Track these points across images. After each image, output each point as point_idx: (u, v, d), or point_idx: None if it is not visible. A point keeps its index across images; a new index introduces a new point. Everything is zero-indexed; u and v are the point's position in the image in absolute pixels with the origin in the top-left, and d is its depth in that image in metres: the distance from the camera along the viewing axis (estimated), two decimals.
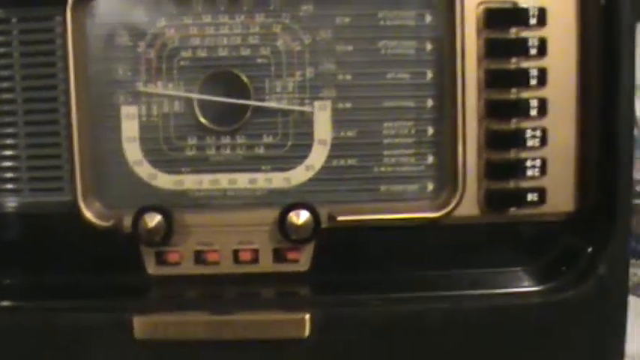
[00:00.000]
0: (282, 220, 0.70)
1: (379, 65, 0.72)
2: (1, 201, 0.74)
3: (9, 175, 0.74)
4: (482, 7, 0.71)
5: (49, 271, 0.74)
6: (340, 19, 0.72)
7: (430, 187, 0.73)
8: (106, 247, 0.73)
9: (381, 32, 0.72)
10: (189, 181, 0.73)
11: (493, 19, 0.71)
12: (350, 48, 0.72)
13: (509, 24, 0.71)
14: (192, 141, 0.73)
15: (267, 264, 0.73)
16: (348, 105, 0.72)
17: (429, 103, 0.72)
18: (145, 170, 0.73)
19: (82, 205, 0.72)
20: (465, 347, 0.71)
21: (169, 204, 0.72)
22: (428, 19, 0.72)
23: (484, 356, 0.71)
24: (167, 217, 0.71)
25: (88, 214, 0.72)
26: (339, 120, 0.72)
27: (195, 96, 0.72)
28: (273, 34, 0.72)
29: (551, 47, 0.71)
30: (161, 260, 0.73)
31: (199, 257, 0.73)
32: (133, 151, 0.73)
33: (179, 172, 0.73)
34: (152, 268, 0.73)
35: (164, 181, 0.73)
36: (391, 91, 0.72)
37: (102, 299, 0.73)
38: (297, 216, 0.70)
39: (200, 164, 0.73)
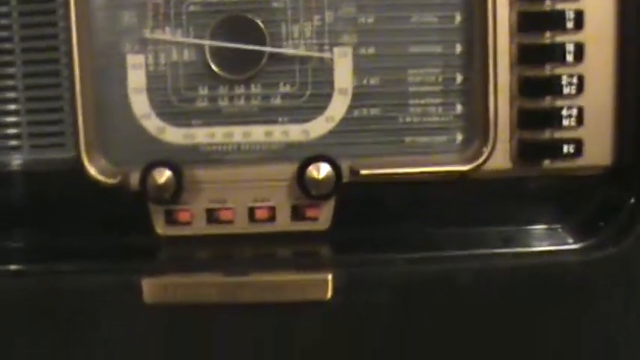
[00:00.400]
0: (301, 175, 0.65)
1: (403, 8, 0.67)
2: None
3: (7, 131, 0.69)
4: None
5: (54, 233, 0.69)
6: None
7: (459, 138, 0.68)
8: (112, 206, 0.68)
9: None
10: (201, 135, 0.68)
11: None
12: None
13: None
14: (203, 91, 0.67)
15: (284, 222, 0.67)
16: (371, 51, 0.67)
17: (458, 48, 0.67)
18: (152, 123, 0.68)
19: (85, 161, 0.66)
20: (497, 311, 0.65)
21: (179, 159, 0.67)
22: None
23: (518, 320, 0.65)
24: (177, 172, 0.65)
25: (93, 171, 0.66)
26: (360, 67, 0.67)
27: (206, 42, 0.67)
28: None
29: None
30: (171, 219, 0.68)
31: (212, 216, 0.68)
32: (140, 103, 0.68)
33: (189, 125, 0.68)
34: (161, 228, 0.68)
35: (173, 134, 0.68)
36: (417, 36, 0.67)
37: (109, 261, 0.68)
38: (318, 170, 0.65)
39: (212, 116, 0.68)
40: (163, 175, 0.65)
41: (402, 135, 0.68)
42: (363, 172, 0.66)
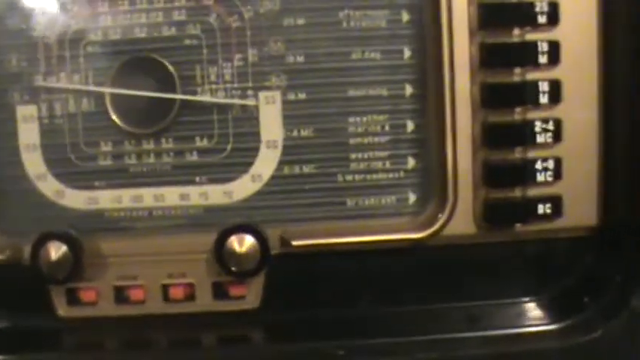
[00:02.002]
0: (219, 248, 0.52)
1: (341, 43, 0.54)
2: None
3: None
4: None
5: None
6: None
7: (412, 198, 0.55)
8: (6, 284, 0.55)
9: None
10: (105, 199, 0.55)
11: None
12: (301, 21, 0.54)
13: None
14: (106, 147, 0.55)
15: (205, 302, 0.55)
16: (302, 95, 0.54)
17: (408, 89, 0.54)
18: (49, 186, 0.56)
19: None
20: None
21: (81, 228, 0.55)
22: None
23: None
24: (74, 246, 0.53)
25: None
26: (291, 115, 0.55)
27: (107, 90, 0.54)
28: (203, 7, 0.54)
29: (564, 15, 0.53)
30: (73, 299, 0.55)
31: (120, 295, 0.55)
32: (33, 163, 0.55)
33: (92, 188, 0.55)
34: (63, 310, 0.56)
35: (74, 199, 0.55)
36: (358, 76, 0.54)
37: (4, 350, 0.55)
38: (239, 242, 0.52)
39: (118, 177, 0.56)
40: (59, 250, 0.53)
41: (342, 196, 0.55)
42: (296, 242, 0.53)
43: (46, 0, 0.54)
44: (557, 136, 0.53)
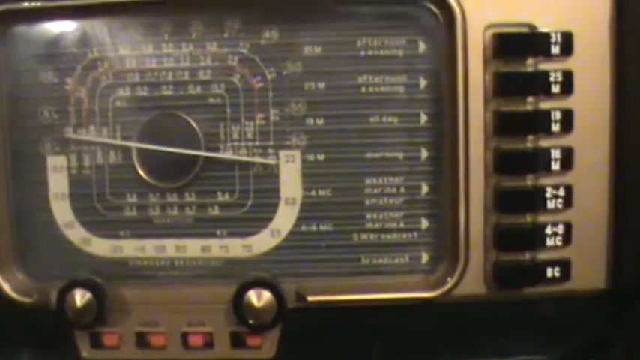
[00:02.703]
0: (238, 302, 0.53)
1: (360, 106, 0.55)
2: None
3: None
4: (490, 31, 0.53)
5: None
6: (310, 49, 0.54)
7: (424, 258, 0.56)
8: (32, 325, 0.57)
9: (362, 65, 0.54)
10: (129, 248, 0.56)
11: (505, 47, 0.53)
12: (322, 85, 0.54)
13: (525, 53, 0.53)
14: (131, 199, 0.56)
15: (223, 350, 0.56)
16: (322, 156, 0.55)
17: (423, 153, 0.55)
18: (76, 233, 0.57)
19: None
20: None
21: (105, 275, 0.56)
22: (421, 47, 0.54)
23: None
24: (99, 293, 0.54)
25: (7, 288, 0.56)
26: (310, 174, 0.55)
27: (133, 145, 0.55)
28: (228, 67, 0.55)
29: (578, 83, 0.53)
30: (97, 342, 0.57)
31: (142, 340, 0.56)
32: (62, 211, 0.57)
33: (117, 237, 0.57)
34: (87, 352, 0.57)
35: (99, 246, 0.57)
36: (375, 138, 0.55)
37: None
38: (257, 296, 0.53)
39: (142, 227, 0.56)
40: (84, 297, 0.54)
41: (357, 253, 0.56)
42: (311, 297, 0.54)
43: (78, 55, 0.56)
44: (568, 202, 0.53)
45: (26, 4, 0.54)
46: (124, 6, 0.55)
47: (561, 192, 0.53)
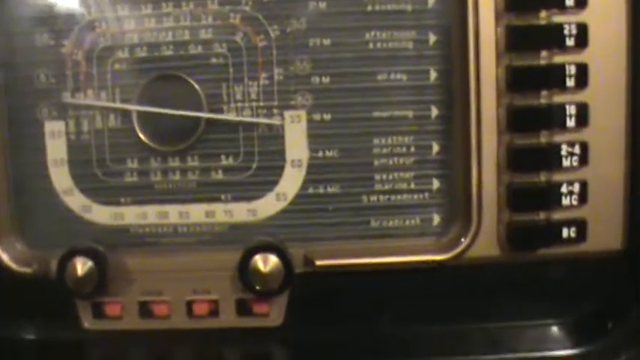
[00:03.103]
0: (244, 267, 0.51)
1: (367, 63, 0.53)
2: None
3: None
4: None
5: None
6: (315, 4, 0.52)
7: (436, 219, 0.54)
8: (31, 296, 0.55)
9: (369, 20, 0.52)
10: (131, 215, 0.54)
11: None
12: (328, 42, 0.52)
13: (538, 6, 0.51)
14: (132, 164, 0.54)
15: (228, 318, 0.54)
16: (328, 116, 0.53)
17: (434, 111, 0.53)
18: (76, 200, 0.55)
19: None
20: None
21: (107, 243, 0.54)
22: (430, 1, 0.52)
23: None
24: (100, 262, 0.52)
25: (5, 258, 0.54)
26: (316, 135, 0.53)
27: (133, 107, 0.53)
28: (230, 25, 0.52)
29: (593, 36, 0.51)
30: (99, 313, 0.55)
31: (145, 310, 0.54)
32: (61, 177, 0.54)
33: (118, 203, 0.54)
34: (89, 322, 0.55)
35: (100, 214, 0.54)
36: (383, 97, 0.53)
37: None
38: (264, 262, 0.51)
39: (143, 193, 0.54)
40: (84, 266, 0.52)
41: (366, 216, 0.54)
42: (320, 262, 0.52)
43: (74, 17, 0.53)
44: (584, 159, 0.51)
45: None
46: None
47: (577, 149, 0.51)
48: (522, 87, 0.51)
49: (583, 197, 0.52)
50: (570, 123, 0.51)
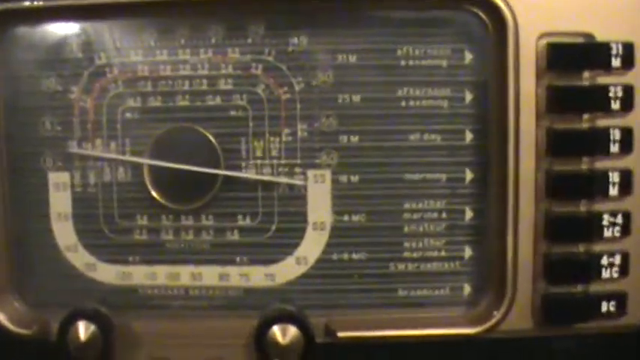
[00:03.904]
0: (260, 338, 0.47)
1: (398, 121, 0.48)
2: None
3: None
4: (543, 41, 0.46)
5: None
6: (344, 57, 0.48)
7: (466, 289, 0.50)
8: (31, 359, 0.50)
9: (402, 75, 0.48)
10: (139, 275, 0.50)
11: (559, 58, 0.47)
12: (357, 97, 0.48)
13: (581, 66, 0.47)
14: (142, 221, 0.50)
15: None
16: (355, 177, 0.49)
17: (468, 174, 0.49)
18: (80, 257, 0.50)
19: None
20: None
21: (112, 304, 0.49)
22: (467, 57, 0.48)
23: None
24: (104, 326, 0.48)
25: (3, 318, 0.50)
26: (342, 196, 0.49)
27: (145, 161, 0.49)
28: (251, 76, 0.48)
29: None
30: None
31: None
32: (64, 232, 0.50)
33: (125, 262, 0.50)
34: None
35: (105, 272, 0.50)
36: (415, 158, 0.49)
37: None
38: (283, 332, 0.47)
39: (153, 252, 0.50)
40: (87, 330, 0.47)
41: (393, 284, 0.50)
42: (342, 333, 0.48)
43: (84, 61, 0.49)
44: (626, 229, 0.47)
45: (27, 3, 0.48)
46: (136, 6, 0.48)
47: (619, 219, 0.47)
48: (563, 151, 0.47)
49: (624, 269, 0.48)
50: (613, 191, 0.47)
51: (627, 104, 0.47)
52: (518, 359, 0.49)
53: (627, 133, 0.47)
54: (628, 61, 0.46)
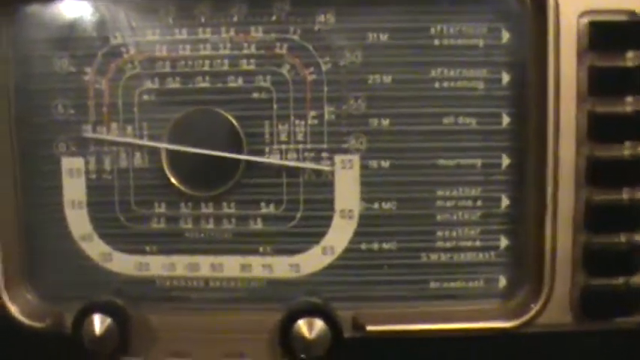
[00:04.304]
0: (285, 332, 0.44)
1: (432, 104, 0.46)
2: None
3: None
4: (585, 19, 0.44)
5: None
6: (374, 36, 0.45)
7: (502, 281, 0.47)
8: (43, 353, 0.48)
9: (436, 55, 0.45)
10: (157, 265, 0.47)
11: (602, 37, 0.44)
12: (388, 78, 0.45)
13: (625, 45, 0.44)
14: (160, 209, 0.47)
15: None
16: (385, 162, 0.46)
17: (504, 160, 0.46)
18: (95, 247, 0.48)
19: (5, 297, 0.47)
20: None
21: (129, 296, 0.47)
22: (505, 37, 0.45)
23: None
24: (121, 318, 0.45)
25: (15, 310, 0.47)
26: (371, 183, 0.46)
27: (163, 145, 0.46)
28: (275, 56, 0.45)
29: None
30: None
31: None
32: (78, 221, 0.48)
33: (142, 252, 0.48)
34: None
35: (122, 263, 0.48)
36: (449, 142, 0.46)
37: None
38: (309, 326, 0.44)
39: (171, 242, 0.48)
40: (103, 323, 0.45)
41: (425, 275, 0.47)
42: (371, 327, 0.45)
43: (98, 40, 0.46)
44: None
45: None
46: None
47: None
48: (605, 136, 0.44)
49: None
50: None
51: None
52: (555, 355, 0.47)
53: None
54: None
